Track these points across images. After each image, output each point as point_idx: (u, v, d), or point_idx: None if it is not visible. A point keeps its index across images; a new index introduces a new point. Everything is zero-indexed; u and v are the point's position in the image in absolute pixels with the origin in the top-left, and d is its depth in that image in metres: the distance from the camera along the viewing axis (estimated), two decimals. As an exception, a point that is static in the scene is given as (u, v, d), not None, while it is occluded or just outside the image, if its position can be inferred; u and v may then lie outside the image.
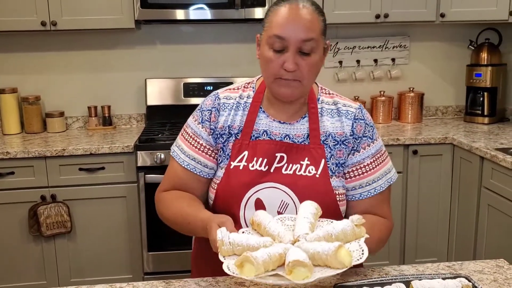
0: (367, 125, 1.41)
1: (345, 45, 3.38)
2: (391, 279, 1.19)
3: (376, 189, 1.40)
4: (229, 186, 1.35)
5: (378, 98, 3.33)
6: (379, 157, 1.41)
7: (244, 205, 1.33)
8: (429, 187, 2.95)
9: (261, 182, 1.33)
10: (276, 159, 1.36)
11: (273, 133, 1.39)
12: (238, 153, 1.37)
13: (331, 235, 1.09)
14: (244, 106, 1.42)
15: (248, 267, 0.99)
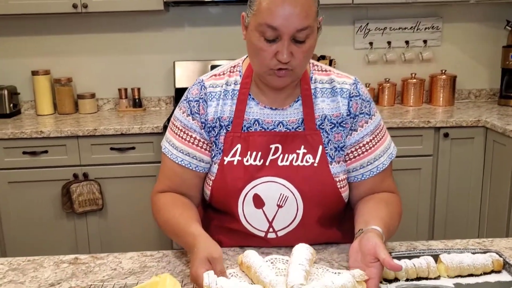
0: (363, 101, 1.30)
1: (375, 26, 3.33)
2: (419, 252, 1.18)
3: (379, 167, 1.31)
4: (224, 183, 1.26)
5: (409, 81, 3.27)
6: (378, 133, 1.32)
7: (242, 202, 1.26)
8: (460, 170, 2.89)
9: (257, 177, 1.25)
10: (270, 151, 1.26)
11: (265, 121, 1.28)
12: (231, 147, 1.27)
13: None
14: (232, 94, 1.30)
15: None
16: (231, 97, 1.30)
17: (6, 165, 2.75)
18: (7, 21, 3.17)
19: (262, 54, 1.17)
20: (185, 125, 1.31)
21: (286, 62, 1.16)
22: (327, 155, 1.27)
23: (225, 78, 1.33)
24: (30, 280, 1.14)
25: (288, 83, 1.24)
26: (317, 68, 1.34)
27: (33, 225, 2.82)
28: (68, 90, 3.19)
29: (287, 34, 1.14)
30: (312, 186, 1.25)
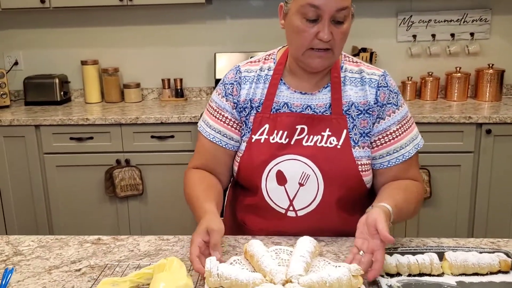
0: (391, 92, 1.36)
1: (419, 18, 3.25)
2: (426, 249, 1.18)
3: (405, 155, 1.36)
4: (250, 159, 1.35)
5: (454, 75, 3.18)
6: (405, 124, 1.37)
7: (266, 177, 1.33)
8: (502, 168, 2.80)
9: (281, 154, 1.32)
10: (296, 131, 1.34)
11: (294, 104, 1.36)
12: (259, 126, 1.36)
13: (326, 282, 1.01)
14: (264, 79, 1.39)
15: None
16: (264, 81, 1.40)
17: (55, 149, 2.93)
18: (59, 14, 3.34)
19: (303, 35, 1.25)
20: (219, 106, 1.42)
21: (327, 41, 1.23)
22: (351, 139, 1.33)
23: (260, 64, 1.43)
24: (54, 257, 1.24)
25: (327, 65, 1.31)
26: (348, 59, 1.41)
27: (78, 207, 2.98)
28: (114, 80, 3.33)
29: (328, 13, 1.21)
30: (333, 167, 1.30)
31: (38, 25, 3.40)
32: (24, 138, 2.92)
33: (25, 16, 3.37)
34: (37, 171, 2.95)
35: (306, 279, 1.03)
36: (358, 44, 3.26)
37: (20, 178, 2.97)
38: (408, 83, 3.23)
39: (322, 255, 1.22)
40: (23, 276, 1.15)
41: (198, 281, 1.11)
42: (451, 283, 1.08)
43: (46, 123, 2.88)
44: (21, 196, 2.99)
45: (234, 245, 1.29)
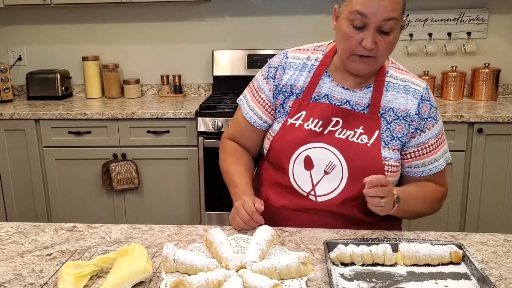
0: (431, 106, 1.42)
1: (416, 17, 3.27)
2: (382, 240, 1.22)
3: (437, 168, 1.44)
4: (282, 140, 1.41)
5: (450, 74, 3.19)
6: (440, 137, 1.44)
7: (294, 160, 1.39)
8: (494, 167, 2.81)
9: (313, 141, 1.38)
10: (331, 123, 1.39)
11: (334, 97, 1.41)
12: (297, 112, 1.42)
13: (276, 268, 1.05)
14: (310, 68, 1.44)
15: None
16: (309, 70, 1.45)
17: (54, 143, 3.01)
18: (61, 11, 3.42)
19: (349, 40, 1.30)
20: (259, 86, 1.51)
21: (369, 49, 1.27)
22: (382, 140, 1.38)
23: (308, 53, 1.48)
24: (29, 242, 1.30)
25: (368, 71, 1.36)
26: (394, 66, 1.46)
27: (76, 199, 3.06)
28: (114, 76, 3.40)
29: (374, 22, 1.26)
30: (360, 162, 1.36)
31: (41, 22, 3.49)
32: (24, 132, 3.01)
33: (28, 13, 3.46)
34: (36, 164, 3.04)
35: (258, 265, 1.07)
36: (354, 43, 3.28)
37: (20, 171, 3.05)
38: (404, 82, 3.24)
39: (284, 244, 1.26)
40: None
41: (159, 266, 1.16)
42: (402, 272, 1.12)
43: (46, 117, 2.96)
44: (21, 189, 3.08)
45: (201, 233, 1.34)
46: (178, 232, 1.36)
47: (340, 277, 1.10)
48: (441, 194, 1.48)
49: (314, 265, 1.15)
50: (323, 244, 1.20)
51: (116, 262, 1.10)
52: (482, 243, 1.26)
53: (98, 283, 1.09)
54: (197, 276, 1.00)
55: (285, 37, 3.36)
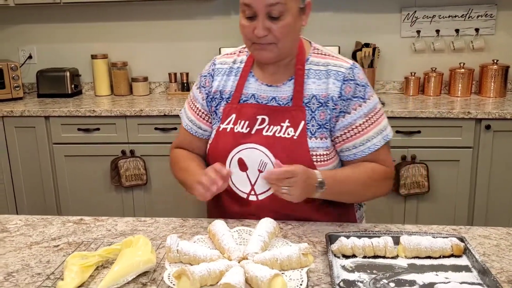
0: (357, 85, 1.38)
1: (423, 14, 3.26)
2: (385, 233, 1.23)
3: (370, 148, 1.39)
4: (216, 146, 1.44)
5: (457, 70, 3.18)
6: (372, 116, 1.39)
7: (229, 164, 1.40)
8: (501, 163, 2.80)
9: (242, 143, 1.39)
10: (257, 122, 1.40)
11: (260, 96, 1.43)
12: (227, 116, 1.44)
13: (277, 259, 1.07)
14: (236, 71, 1.47)
15: (184, 280, 0.99)
16: (235, 73, 1.48)
17: (63, 140, 3.04)
18: (70, 9, 3.46)
19: (244, 30, 1.34)
20: (194, 96, 1.54)
21: (260, 36, 1.30)
22: (308, 130, 1.38)
23: (234, 57, 1.51)
24: (37, 234, 1.33)
25: (274, 57, 1.36)
26: (316, 52, 1.45)
27: (86, 196, 3.09)
28: (123, 74, 3.44)
29: (260, 10, 1.28)
30: (288, 156, 1.35)
31: (50, 21, 3.53)
32: (34, 129, 3.04)
33: (38, 12, 3.50)
34: (46, 161, 3.08)
35: (260, 256, 1.09)
36: (361, 39, 3.29)
37: (31, 167, 3.10)
38: (412, 79, 3.24)
39: (287, 237, 1.27)
40: (5, 250, 1.24)
41: (163, 257, 1.18)
42: (403, 265, 1.13)
43: (56, 114, 3.00)
44: (31, 185, 3.12)
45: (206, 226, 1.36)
46: (182, 224, 1.38)
47: (341, 269, 1.11)
48: (382, 173, 1.40)
49: (316, 257, 1.16)
50: (325, 237, 1.21)
51: (121, 253, 1.12)
52: (484, 236, 1.27)
53: (103, 273, 1.12)
54: (199, 266, 1.02)
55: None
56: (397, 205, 2.93)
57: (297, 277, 1.04)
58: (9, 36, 3.58)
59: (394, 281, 1.06)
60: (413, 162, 2.83)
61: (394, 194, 2.90)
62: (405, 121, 2.81)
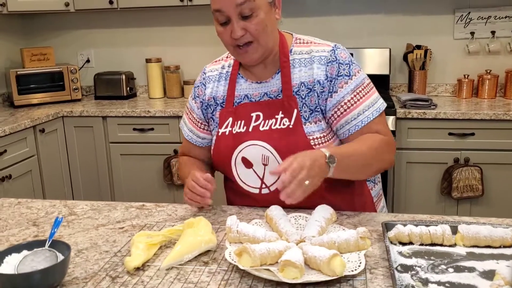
0: (340, 64, 1.39)
1: (478, 15, 3.20)
2: (443, 222, 1.22)
3: (363, 121, 1.38)
4: (219, 150, 1.47)
5: (514, 72, 3.10)
6: (360, 91, 1.39)
7: (234, 165, 1.44)
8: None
9: (242, 142, 1.42)
10: (252, 119, 1.43)
11: (253, 95, 1.45)
12: (224, 120, 1.47)
13: (334, 242, 1.09)
14: (226, 76, 1.50)
15: (245, 257, 1.03)
16: (225, 78, 1.51)
17: (119, 139, 3.17)
18: (126, 14, 3.60)
19: (222, 37, 1.37)
20: (191, 107, 1.58)
21: (238, 36, 1.32)
22: (302, 117, 1.40)
23: (222, 63, 1.54)
24: (103, 218, 1.40)
25: (258, 56, 1.38)
26: (298, 42, 1.46)
27: (139, 192, 3.20)
28: (176, 77, 3.54)
29: (231, 12, 1.30)
30: (287, 145, 1.38)
31: (107, 25, 3.69)
32: (92, 128, 3.19)
33: (96, 17, 3.67)
34: (103, 159, 3.21)
35: (317, 239, 1.11)
36: (413, 41, 3.26)
37: (88, 165, 3.24)
38: (465, 81, 3.18)
39: (342, 225, 1.29)
40: (74, 230, 1.32)
41: (223, 238, 1.22)
42: (462, 252, 1.12)
43: (112, 114, 3.13)
44: (88, 182, 3.26)
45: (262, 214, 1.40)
46: (239, 212, 1.42)
47: (398, 254, 1.12)
48: (380, 140, 1.37)
49: (372, 244, 1.17)
50: (381, 225, 1.22)
51: (183, 233, 1.17)
52: (546, 229, 1.24)
53: (166, 252, 1.17)
54: (259, 245, 1.05)
55: (342, 36, 3.37)
56: (449, 209, 2.88)
57: (355, 259, 1.06)
58: (69, 41, 3.77)
59: (453, 267, 1.06)
60: (466, 164, 2.78)
61: (446, 196, 2.85)
62: (459, 123, 2.77)
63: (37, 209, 1.49)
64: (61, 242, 1.10)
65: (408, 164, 2.86)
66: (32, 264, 1.07)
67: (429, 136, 2.82)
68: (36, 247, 1.10)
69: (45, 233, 1.31)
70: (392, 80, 3.37)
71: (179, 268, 1.10)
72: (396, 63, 3.35)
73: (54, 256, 1.08)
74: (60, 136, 3.19)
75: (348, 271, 1.01)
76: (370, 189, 1.55)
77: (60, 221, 1.15)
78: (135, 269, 1.09)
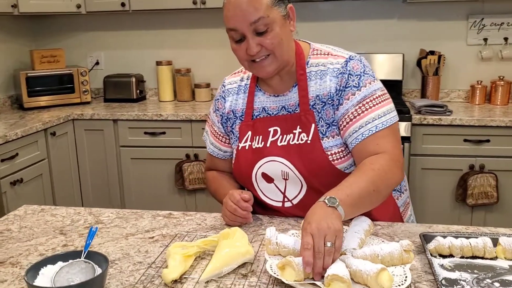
0: (350, 75, 1.35)
1: (491, 21, 3.19)
2: (481, 234, 1.20)
3: (364, 134, 1.31)
4: (239, 165, 1.46)
5: (527, 79, 3.09)
6: (368, 102, 1.33)
7: (255, 180, 1.44)
8: None
9: (261, 158, 1.41)
10: (270, 134, 1.41)
11: (270, 108, 1.44)
12: (244, 134, 1.45)
13: (378, 255, 1.06)
14: (244, 89, 1.48)
15: (289, 270, 1.01)
16: (244, 91, 1.49)
17: (130, 143, 3.14)
18: (137, 17, 3.58)
19: (238, 54, 1.35)
20: (212, 120, 1.57)
21: (254, 53, 1.30)
22: (319, 131, 1.38)
23: (241, 75, 1.52)
24: (130, 226, 1.38)
25: (274, 69, 1.35)
26: (316, 53, 1.43)
27: (150, 197, 3.17)
28: (186, 80, 3.52)
29: (246, 30, 1.29)
30: (305, 161, 1.36)
31: (118, 28, 3.66)
32: (102, 132, 3.16)
33: (106, 19, 3.64)
34: (113, 163, 3.18)
35: (359, 252, 1.09)
36: (426, 47, 3.25)
37: (98, 169, 3.21)
38: (478, 87, 3.17)
39: (378, 235, 1.27)
40: (103, 240, 1.30)
41: (259, 249, 1.20)
42: (504, 266, 1.10)
43: (123, 118, 3.10)
44: (98, 186, 3.23)
45: (294, 224, 1.37)
46: (270, 221, 1.39)
47: (440, 268, 1.10)
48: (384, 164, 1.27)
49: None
50: (420, 236, 1.20)
51: (219, 244, 1.15)
52: None
53: (202, 264, 1.14)
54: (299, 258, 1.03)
55: (353, 41, 3.35)
56: (464, 216, 2.86)
57: (400, 273, 1.04)
58: (79, 43, 3.74)
59: (498, 281, 1.04)
60: (481, 171, 2.76)
61: (461, 203, 2.83)
62: (474, 130, 2.75)
63: (62, 217, 1.46)
64: (97, 253, 1.08)
65: (423, 170, 2.85)
66: (68, 276, 1.04)
67: (444, 142, 2.80)
68: (72, 258, 1.07)
69: (73, 242, 1.29)
70: (405, 86, 3.35)
71: (218, 281, 1.07)
72: (408, 69, 3.33)
73: (90, 268, 1.05)
74: (71, 139, 3.17)
75: (394, 286, 0.99)
76: (396, 198, 1.53)
77: (95, 231, 1.13)
78: (173, 281, 1.06)
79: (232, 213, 1.34)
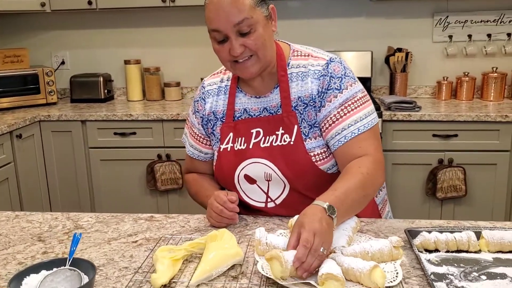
0: (332, 77, 1.36)
1: (455, 19, 3.27)
2: (464, 229, 1.23)
3: (347, 136, 1.33)
4: (221, 167, 1.46)
5: (490, 75, 3.18)
6: (350, 105, 1.35)
7: (237, 181, 1.43)
8: (539, 167, 2.80)
9: (244, 159, 1.41)
10: (252, 135, 1.41)
11: (252, 109, 1.43)
12: (225, 136, 1.44)
13: (368, 252, 1.07)
14: (225, 90, 1.47)
15: (275, 264, 1.00)
16: (224, 92, 1.48)
17: (99, 144, 3.07)
18: (105, 15, 3.50)
19: (220, 55, 1.33)
20: (191, 122, 1.55)
21: (238, 54, 1.29)
22: (302, 133, 1.38)
23: (220, 76, 1.51)
24: (112, 231, 1.34)
25: (257, 69, 1.35)
26: (296, 54, 1.43)
27: (121, 199, 3.11)
28: (156, 79, 3.47)
29: (229, 31, 1.27)
30: (288, 162, 1.37)
31: (84, 26, 3.57)
32: (70, 133, 3.08)
33: (72, 18, 3.55)
34: (82, 165, 3.10)
35: (349, 249, 1.09)
36: (393, 44, 3.30)
37: (66, 171, 3.12)
38: (444, 83, 3.25)
39: (364, 232, 1.28)
40: (85, 246, 1.26)
41: (247, 250, 1.19)
42: (488, 258, 1.13)
43: (92, 118, 3.03)
44: (66, 188, 3.15)
45: (279, 223, 1.37)
46: (254, 221, 1.39)
47: (427, 262, 1.12)
48: (369, 166, 1.28)
49: (398, 252, 1.17)
50: (405, 232, 1.22)
51: (207, 247, 1.13)
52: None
53: (190, 267, 1.13)
54: (289, 253, 1.02)
55: (322, 39, 3.38)
56: (433, 209, 2.93)
57: (391, 270, 1.05)
58: (43, 42, 3.63)
59: (484, 274, 1.06)
60: (450, 165, 2.83)
61: (431, 197, 2.90)
62: (442, 125, 2.82)
63: (39, 223, 1.41)
64: (83, 260, 1.05)
65: (394, 165, 2.90)
66: (52, 285, 1.01)
67: (413, 138, 2.86)
68: (56, 266, 1.04)
69: (53, 249, 1.24)
70: (373, 83, 3.40)
71: (208, 284, 1.06)
72: (377, 66, 3.39)
73: (75, 275, 1.02)
74: (37, 141, 3.07)
75: (387, 282, 1.00)
76: (375, 196, 1.54)
77: (79, 238, 1.09)
78: (162, 286, 1.04)
79: (218, 214, 1.33)
